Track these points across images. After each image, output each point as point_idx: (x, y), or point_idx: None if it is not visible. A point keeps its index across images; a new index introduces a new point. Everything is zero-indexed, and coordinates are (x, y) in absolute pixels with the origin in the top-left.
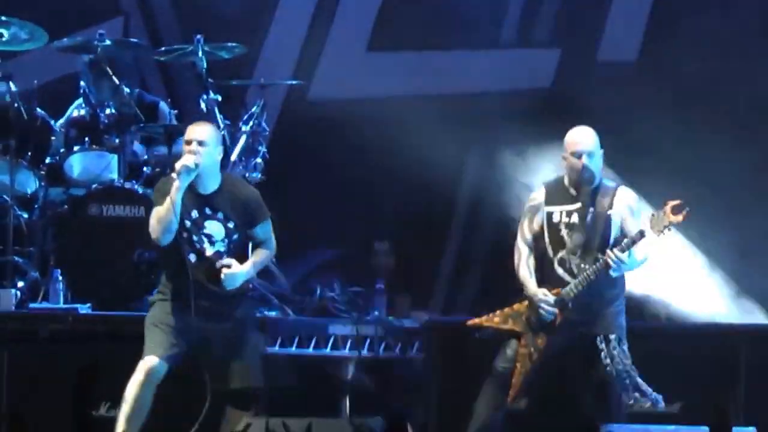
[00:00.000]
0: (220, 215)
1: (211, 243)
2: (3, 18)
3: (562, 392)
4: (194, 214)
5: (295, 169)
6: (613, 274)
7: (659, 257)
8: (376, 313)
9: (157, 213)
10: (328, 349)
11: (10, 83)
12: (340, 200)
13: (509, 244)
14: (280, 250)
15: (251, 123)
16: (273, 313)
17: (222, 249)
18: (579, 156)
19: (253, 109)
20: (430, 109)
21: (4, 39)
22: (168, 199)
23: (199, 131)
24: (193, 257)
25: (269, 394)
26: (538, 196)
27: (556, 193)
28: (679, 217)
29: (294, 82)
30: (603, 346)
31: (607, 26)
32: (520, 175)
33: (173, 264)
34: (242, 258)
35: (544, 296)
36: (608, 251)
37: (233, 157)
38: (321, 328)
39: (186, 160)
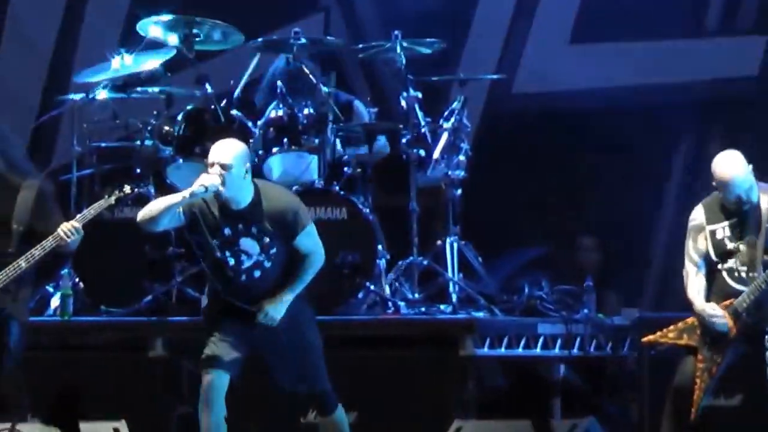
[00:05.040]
0: (253, 230)
1: (249, 257)
2: (197, 19)
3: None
4: (227, 231)
5: (499, 164)
6: None
7: None
8: (586, 311)
9: (156, 202)
10: (538, 349)
11: (207, 85)
12: (545, 195)
13: None
14: (487, 249)
15: (452, 119)
16: (480, 314)
17: (262, 259)
18: (730, 192)
19: (454, 105)
20: (634, 101)
21: (198, 40)
22: (172, 197)
23: (222, 153)
24: (231, 273)
25: (477, 396)
26: (699, 216)
27: (714, 211)
28: None
29: (494, 77)
30: None
31: None
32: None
33: (217, 275)
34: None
35: (712, 310)
36: None
37: (435, 155)
38: (530, 327)
39: (206, 180)
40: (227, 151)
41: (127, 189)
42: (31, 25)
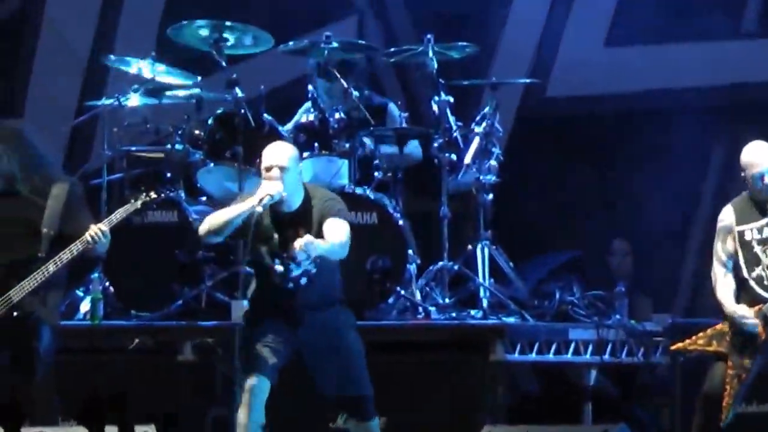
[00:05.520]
0: (304, 233)
1: (297, 264)
2: (228, 23)
3: None
4: (277, 238)
5: (531, 168)
6: None
7: None
8: (618, 316)
9: (219, 215)
10: (569, 355)
11: (237, 89)
12: (578, 200)
13: None
14: (519, 253)
15: (484, 124)
16: (511, 319)
17: (309, 267)
18: (760, 177)
19: (485, 110)
20: (668, 104)
21: (229, 44)
22: (236, 209)
23: (278, 156)
24: (278, 279)
25: (510, 400)
26: (728, 216)
27: (744, 211)
28: None
29: (526, 81)
30: None
31: None
32: None
33: (262, 280)
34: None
35: (743, 311)
36: None
37: (467, 159)
38: (561, 333)
39: (270, 189)
40: (283, 153)
41: (152, 194)
42: (67, 29)
